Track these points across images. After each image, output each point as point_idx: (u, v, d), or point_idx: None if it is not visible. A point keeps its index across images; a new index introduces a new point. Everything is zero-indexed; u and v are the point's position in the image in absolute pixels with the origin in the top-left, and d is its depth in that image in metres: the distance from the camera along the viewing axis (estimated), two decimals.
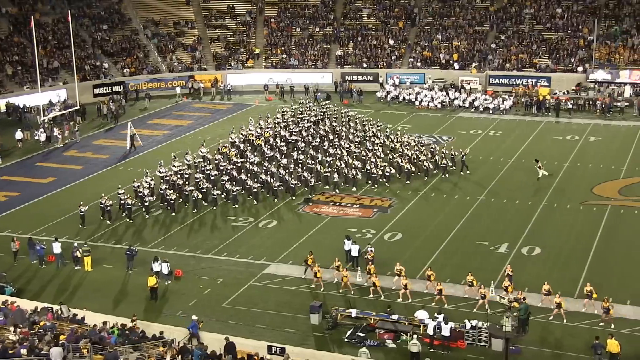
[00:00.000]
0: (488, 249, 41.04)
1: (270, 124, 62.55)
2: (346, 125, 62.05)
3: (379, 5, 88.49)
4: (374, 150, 55.13)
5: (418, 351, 30.50)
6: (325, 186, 50.53)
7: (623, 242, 41.48)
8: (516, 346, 31.20)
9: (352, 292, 36.63)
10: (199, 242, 43.20)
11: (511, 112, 70.06)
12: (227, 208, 47.67)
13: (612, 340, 29.55)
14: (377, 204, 47.87)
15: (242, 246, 42.49)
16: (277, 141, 57.80)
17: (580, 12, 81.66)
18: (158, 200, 48.27)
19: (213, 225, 45.59)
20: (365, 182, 50.79)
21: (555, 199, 47.81)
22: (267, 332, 33.04)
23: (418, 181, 51.28)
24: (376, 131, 59.88)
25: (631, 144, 59.22)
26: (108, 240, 43.56)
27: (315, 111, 66.21)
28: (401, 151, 54.47)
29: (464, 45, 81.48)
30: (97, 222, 45.91)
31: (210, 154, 54.98)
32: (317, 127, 61.67)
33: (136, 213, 46.94)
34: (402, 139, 57.26)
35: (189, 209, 47.56)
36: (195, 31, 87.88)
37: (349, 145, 56.30)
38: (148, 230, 45.13)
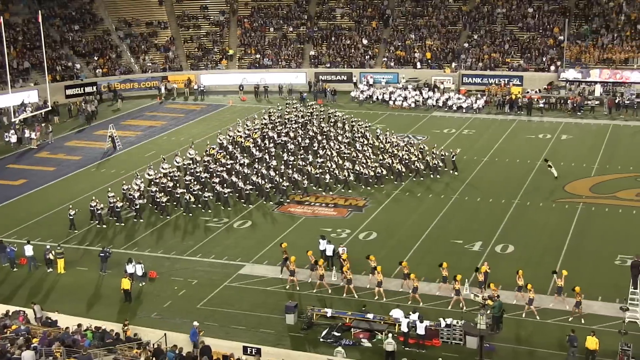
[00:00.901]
0: (462, 247, 41.25)
1: (257, 125, 62.17)
2: (334, 126, 61.83)
3: (352, 5, 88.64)
4: (364, 151, 54.88)
5: (393, 350, 30.58)
6: (318, 188, 50.16)
7: (594, 240, 41.87)
8: (490, 344, 31.39)
9: (329, 292, 36.64)
10: (173, 244, 42.99)
11: (484, 111, 70.50)
12: (218, 210, 47.32)
13: (592, 338, 29.79)
14: (351, 203, 47.92)
15: (216, 247, 42.34)
16: (265, 142, 57.50)
17: (551, 11, 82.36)
18: (148, 203, 47.71)
19: (187, 226, 45.35)
20: (357, 183, 50.60)
21: (528, 197, 48.17)
22: (243, 333, 32.96)
23: (408, 182, 51.16)
24: (365, 132, 59.55)
25: (602, 142, 59.83)
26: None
27: (303, 112, 65.98)
28: (391, 152, 54.28)
29: (437, 44, 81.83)
30: (87, 226, 45.34)
31: (199, 155, 54.68)
32: (305, 128, 61.42)
33: (125, 216, 46.52)
34: (391, 140, 57.11)
35: (180, 212, 47.06)
36: (168, 31, 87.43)
37: (339, 147, 55.98)
38: (137, 232, 44.76)
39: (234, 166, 52.23)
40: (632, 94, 69.79)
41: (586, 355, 29.87)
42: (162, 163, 52.78)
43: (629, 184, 50.09)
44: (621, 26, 78.00)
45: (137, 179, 49.69)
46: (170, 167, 52.52)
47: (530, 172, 52.77)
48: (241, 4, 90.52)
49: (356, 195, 49.11)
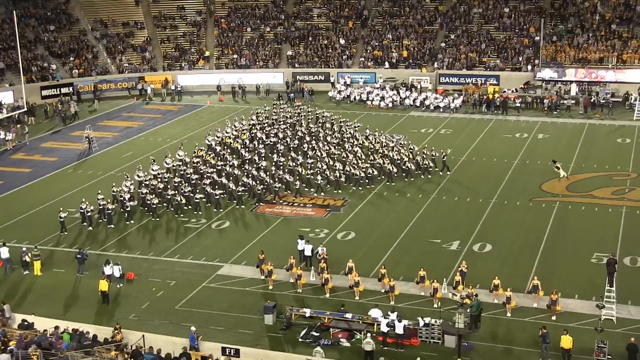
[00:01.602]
0: (440, 246, 41.41)
1: (245, 126, 61.88)
2: (322, 127, 61.63)
3: (329, 5, 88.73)
4: (354, 152, 54.72)
5: (372, 349, 30.65)
6: (309, 189, 49.93)
7: (571, 238, 42.19)
8: (469, 342, 31.55)
9: (308, 292, 36.67)
10: (151, 244, 42.80)
11: (461, 110, 70.84)
12: (210, 212, 47.02)
13: (566, 337, 29.99)
14: (329, 203, 47.96)
15: (195, 248, 42.22)
16: (254, 143, 57.27)
17: (527, 11, 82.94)
18: (139, 205, 47.34)
19: (166, 227, 45.16)
20: (348, 184, 50.49)
21: (505, 196, 48.46)
22: (221, 334, 32.88)
23: (400, 182, 51.06)
24: (354, 132, 59.33)
25: (578, 141, 60.32)
26: (92, 247, 42.55)
27: (291, 112, 65.76)
28: (381, 152, 54.16)
29: (414, 44, 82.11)
30: (78, 228, 44.95)
31: (188, 157, 54.35)
32: (294, 128, 61.18)
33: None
34: (381, 140, 56.97)
35: (172, 214, 46.72)
36: (145, 32, 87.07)
37: (329, 147, 55.77)
38: (124, 234, 44.52)
39: (224, 167, 51.88)
40: (607, 93, 70.47)
41: (562, 354, 30.08)
42: (152, 165, 52.34)
43: (604, 182, 50.52)
44: (596, 26, 78.70)
45: (126, 180, 49.30)
46: (160, 168, 52.13)
47: (507, 171, 53.08)
48: (218, 4, 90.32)
49: (347, 196, 48.97)
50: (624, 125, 64.43)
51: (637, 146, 58.28)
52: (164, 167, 52.63)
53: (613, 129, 63.90)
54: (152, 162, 53.06)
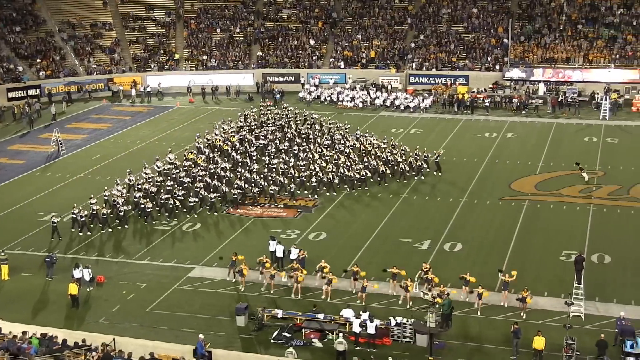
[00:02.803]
0: (411, 246, 41.59)
1: (233, 128, 61.46)
2: (311, 128, 61.29)
3: (299, 5, 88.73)
4: (346, 153, 54.35)
5: (344, 349, 30.70)
6: (303, 191, 49.45)
7: (540, 236, 42.57)
8: (440, 341, 31.72)
9: (280, 293, 36.63)
10: (121, 247, 42.51)
11: (431, 110, 71.21)
12: (205, 216, 46.55)
13: (539, 337, 30.23)
14: (301, 204, 47.94)
15: (165, 250, 41.99)
16: (245, 146, 56.88)
17: (495, 12, 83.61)
18: (132, 210, 46.66)
19: (136, 229, 44.87)
20: (342, 186, 50.19)
21: (475, 195, 48.79)
22: (193, 336, 32.60)
23: (394, 183, 51.03)
24: (344, 134, 58.90)
25: (546, 140, 60.91)
26: (88, 252, 42.03)
27: (279, 114, 65.45)
28: (374, 153, 53.94)
29: (384, 45, 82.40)
30: (68, 233, 44.34)
31: (178, 160, 53.97)
32: (283, 130, 60.84)
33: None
34: (372, 141, 56.77)
35: (164, 217, 46.21)
36: (113, 33, 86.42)
37: (321, 149, 55.39)
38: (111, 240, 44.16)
39: (216, 170, 51.39)
40: (574, 93, 71.28)
41: (534, 354, 30.32)
42: (144, 168, 51.74)
43: (572, 181, 51.04)
44: (562, 26, 79.55)
45: (117, 185, 48.73)
46: (151, 172, 51.64)
47: (477, 170, 53.45)
48: (187, 5, 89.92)
49: (343, 198, 48.81)
50: (590, 124, 65.19)
51: (603, 145, 59.02)
52: (155, 171, 52.05)
53: (580, 127, 64.61)
54: (145, 166, 52.45)
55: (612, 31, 77.55)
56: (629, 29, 77.19)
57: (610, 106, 67.34)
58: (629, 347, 30.07)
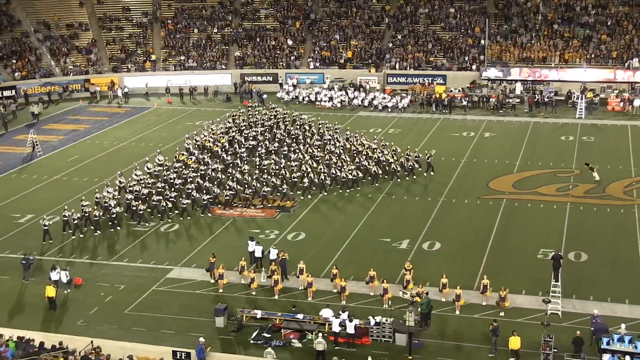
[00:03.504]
0: (390, 245, 41.67)
1: (221, 129, 61.10)
2: (301, 129, 60.95)
3: (277, 5, 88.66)
4: (338, 154, 54.10)
5: (324, 349, 30.72)
6: (296, 192, 49.19)
7: (518, 235, 42.82)
8: (419, 340, 31.81)
9: (260, 294, 36.58)
10: (100, 249, 42.25)
11: (409, 110, 71.40)
12: (196, 217, 46.27)
13: (515, 337, 30.38)
14: (280, 204, 47.86)
15: (144, 251, 41.79)
16: (235, 147, 56.61)
17: (472, 12, 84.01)
18: (124, 212, 46.28)
19: (115, 231, 44.58)
20: (334, 186, 50.02)
21: (453, 194, 48.97)
22: (172, 337, 32.63)
23: (385, 184, 50.94)
24: (334, 134, 58.73)
25: (523, 139, 61.26)
26: (81, 255, 41.61)
27: (267, 115, 65.15)
28: (366, 154, 53.79)
29: (362, 44, 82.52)
30: (60, 236, 43.83)
31: (169, 161, 53.63)
32: (272, 131, 60.55)
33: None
34: (362, 141, 56.59)
35: (157, 220, 45.84)
36: (90, 33, 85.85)
37: (312, 150, 55.10)
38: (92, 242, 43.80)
39: (207, 172, 51.09)
40: (551, 92, 71.77)
41: (510, 353, 30.45)
42: (135, 170, 51.32)
43: (549, 179, 51.40)
44: (539, 26, 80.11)
45: (108, 187, 48.26)
46: (142, 173, 51.22)
47: (455, 169, 53.65)
48: (164, 5, 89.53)
49: (335, 199, 48.66)
50: (567, 123, 65.66)
51: (580, 143, 59.46)
52: (146, 173, 51.63)
53: (557, 126, 65.05)
54: (135, 168, 51.91)
55: (587, 31, 78.24)
56: (603, 29, 77.89)
57: (586, 105, 67.90)
58: (605, 344, 30.33)
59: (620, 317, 32.87)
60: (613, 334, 30.45)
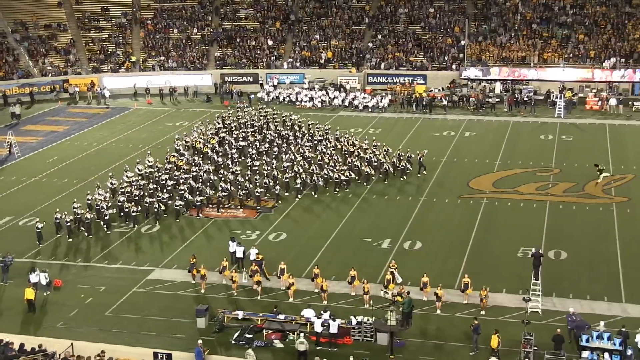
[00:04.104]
0: (371, 245, 41.73)
1: (210, 130, 60.81)
2: (291, 130, 60.71)
3: (257, 6, 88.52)
4: (330, 154, 53.90)
5: (305, 349, 30.73)
6: (289, 193, 49.03)
7: (498, 233, 43.04)
8: (401, 339, 31.88)
9: (241, 294, 36.51)
10: (79, 251, 41.99)
11: (389, 110, 71.55)
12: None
13: (494, 336, 30.52)
14: (260, 205, 47.76)
15: (124, 253, 41.59)
16: (225, 148, 56.32)
17: (452, 11, 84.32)
18: (117, 214, 45.86)
19: (95, 232, 44.26)
20: (328, 187, 49.93)
21: (434, 194, 49.12)
22: (153, 339, 32.50)
23: (379, 184, 50.86)
24: (326, 135, 58.52)
25: (503, 138, 61.56)
26: (74, 258, 41.22)
27: (257, 115, 64.84)
28: (357, 154, 53.72)
29: (342, 44, 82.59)
30: (53, 239, 43.37)
31: (160, 163, 53.31)
32: (262, 132, 60.24)
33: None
34: (353, 142, 56.42)
35: (152, 221, 45.58)
36: (69, 34, 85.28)
37: (304, 151, 54.81)
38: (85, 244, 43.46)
39: (199, 173, 50.86)
40: (530, 91, 72.16)
41: (491, 352, 30.59)
42: (126, 172, 50.89)
43: (529, 178, 51.69)
44: (518, 25, 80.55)
45: (99, 188, 47.91)
46: (134, 175, 50.88)
47: (435, 169, 53.78)
48: (143, 6, 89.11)
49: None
50: (546, 122, 66.05)
51: (559, 142, 59.84)
52: (137, 174, 51.26)
53: (536, 126, 65.42)
54: (126, 170, 51.56)
55: (566, 31, 78.77)
56: (581, 29, 78.44)
57: (565, 104, 68.34)
58: (584, 342, 30.55)
59: (599, 315, 33.19)
60: (592, 331, 30.68)
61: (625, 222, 43.87)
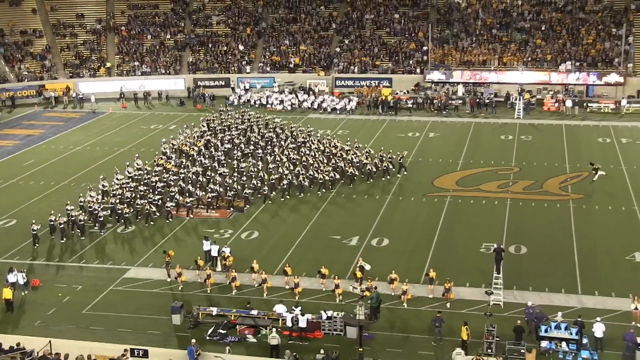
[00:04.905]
0: (340, 242, 41.81)
1: (196, 133, 60.37)
2: (274, 132, 60.33)
3: (228, 12, 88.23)
4: (313, 155, 53.68)
5: (277, 344, 30.75)
6: (275, 194, 48.71)
7: (461, 230, 43.35)
8: (369, 332, 32.00)
9: (215, 291, 36.40)
10: (56, 251, 41.56)
11: (357, 112, 71.72)
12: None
13: (464, 328, 30.75)
14: (233, 204, 47.61)
15: (100, 252, 41.25)
16: (210, 150, 55.92)
17: (416, 17, 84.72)
18: (109, 216, 45.31)
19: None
20: (312, 188, 49.64)
21: (400, 192, 49.34)
22: (130, 336, 32.29)
23: (362, 184, 50.70)
24: (308, 137, 58.30)
25: (465, 138, 62.01)
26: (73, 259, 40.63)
27: (241, 119, 64.40)
28: (340, 155, 53.59)
29: (311, 49, 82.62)
30: (48, 241, 42.71)
31: (149, 166, 52.79)
32: (246, 135, 59.91)
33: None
34: (335, 143, 56.25)
35: (143, 223, 45.04)
36: (44, 40, 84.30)
37: (288, 152, 54.59)
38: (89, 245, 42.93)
39: (187, 175, 50.48)
40: (491, 94, 72.80)
41: (461, 344, 30.84)
42: (116, 175, 50.41)
43: (490, 177, 52.11)
44: (478, 31, 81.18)
45: (90, 191, 47.28)
46: (124, 177, 50.33)
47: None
48: (117, 12, 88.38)
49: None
50: (506, 123, 66.64)
51: (518, 142, 60.41)
52: (127, 177, 50.66)
53: (497, 126, 65.98)
54: (116, 172, 50.97)
55: (524, 35, 79.55)
56: (538, 34, 79.26)
57: (524, 106, 69.03)
58: (543, 332, 30.93)
59: (557, 306, 33.63)
60: (550, 322, 31.07)
61: (581, 218, 44.43)
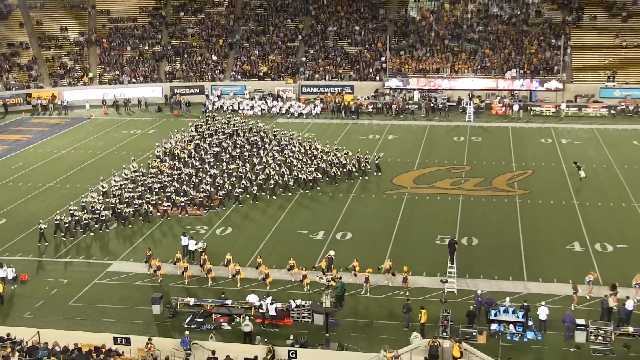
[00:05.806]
0: (307, 236, 41.86)
1: (186, 138, 59.73)
2: (259, 136, 60.00)
3: (202, 25, 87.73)
4: (298, 157, 53.43)
5: (250, 331, 30.73)
6: (264, 193, 48.25)
7: (418, 224, 43.63)
8: (335, 319, 32.10)
9: (193, 283, 36.22)
10: (43, 247, 41.03)
11: (321, 116, 71.77)
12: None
13: (424, 312, 31.02)
14: (208, 203, 47.37)
15: (85, 248, 40.80)
16: (200, 153, 55.33)
17: (375, 29, 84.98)
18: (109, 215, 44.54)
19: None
20: (297, 187, 49.29)
21: (362, 190, 49.49)
22: (113, 325, 32.04)
23: (343, 183, 50.53)
24: (290, 140, 58.02)
25: (421, 140, 62.37)
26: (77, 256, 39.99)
27: (227, 124, 63.82)
28: (321, 157, 53.40)
29: (279, 59, 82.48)
30: (51, 239, 41.93)
31: (145, 168, 52.12)
32: (232, 138, 59.39)
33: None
34: (317, 146, 56.05)
35: (140, 221, 44.39)
36: (30, 51, 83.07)
37: (273, 154, 54.32)
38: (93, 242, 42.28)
39: (181, 176, 49.97)
40: (444, 99, 73.29)
41: (420, 327, 31.05)
42: (113, 176, 49.81)
43: (444, 175, 52.49)
44: (432, 41, 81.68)
45: (91, 192, 46.63)
46: (121, 179, 49.63)
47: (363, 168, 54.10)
48: (99, 26, 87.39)
49: (300, 199, 48.07)
50: (458, 126, 67.17)
51: (469, 143, 60.90)
52: (124, 178, 49.96)
53: (450, 129, 66.44)
54: (114, 174, 50.24)
55: (473, 45, 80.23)
56: (486, 44, 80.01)
57: (474, 110, 69.64)
58: (493, 316, 31.29)
59: (505, 292, 34.01)
60: (499, 307, 31.43)
61: (526, 212, 44.98)
